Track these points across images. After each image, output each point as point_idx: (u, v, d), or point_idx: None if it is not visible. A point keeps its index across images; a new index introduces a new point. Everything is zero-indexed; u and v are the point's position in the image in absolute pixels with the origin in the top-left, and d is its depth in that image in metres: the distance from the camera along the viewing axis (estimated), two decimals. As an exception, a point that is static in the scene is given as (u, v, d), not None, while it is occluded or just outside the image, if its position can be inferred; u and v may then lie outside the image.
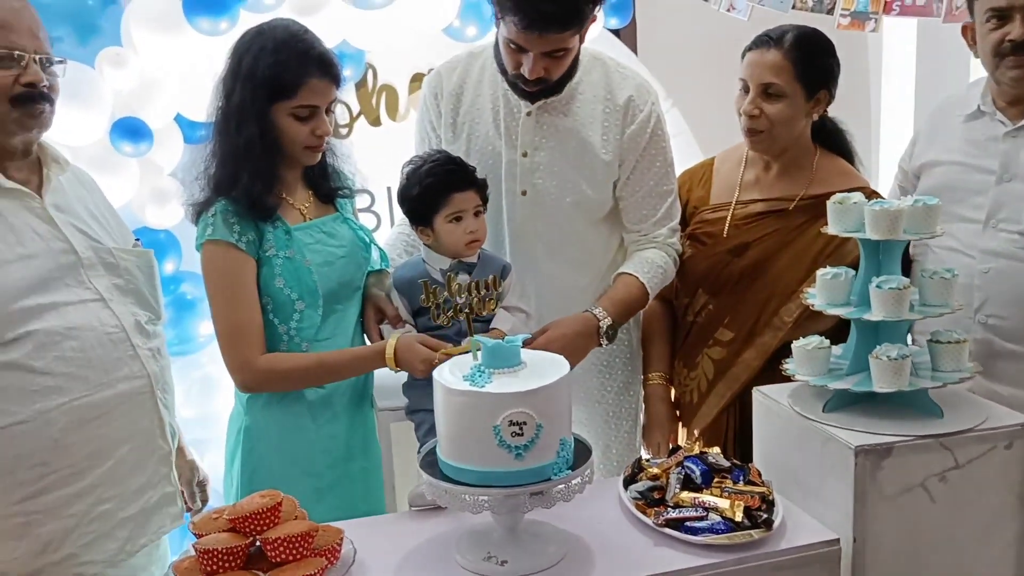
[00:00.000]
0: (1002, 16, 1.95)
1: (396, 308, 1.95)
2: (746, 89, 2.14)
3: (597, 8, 1.97)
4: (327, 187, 2.08)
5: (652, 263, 2.14)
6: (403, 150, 2.22)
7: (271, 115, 1.90)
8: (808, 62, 2.10)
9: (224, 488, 2.17)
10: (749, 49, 2.15)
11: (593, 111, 2.12)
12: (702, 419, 2.25)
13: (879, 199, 1.77)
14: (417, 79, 2.95)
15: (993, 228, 2.01)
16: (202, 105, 2.65)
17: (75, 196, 1.82)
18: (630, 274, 2.11)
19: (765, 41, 2.12)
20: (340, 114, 2.87)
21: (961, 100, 2.14)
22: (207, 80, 2.62)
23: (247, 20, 2.58)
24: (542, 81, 2.02)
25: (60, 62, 1.76)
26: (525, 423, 1.41)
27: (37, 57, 1.70)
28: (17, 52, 1.67)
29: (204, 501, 2.13)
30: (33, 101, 1.70)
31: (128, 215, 2.65)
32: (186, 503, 2.02)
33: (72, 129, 2.39)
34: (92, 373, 1.73)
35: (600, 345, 2.05)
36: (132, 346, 1.80)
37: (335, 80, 1.93)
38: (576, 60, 2.08)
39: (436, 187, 1.91)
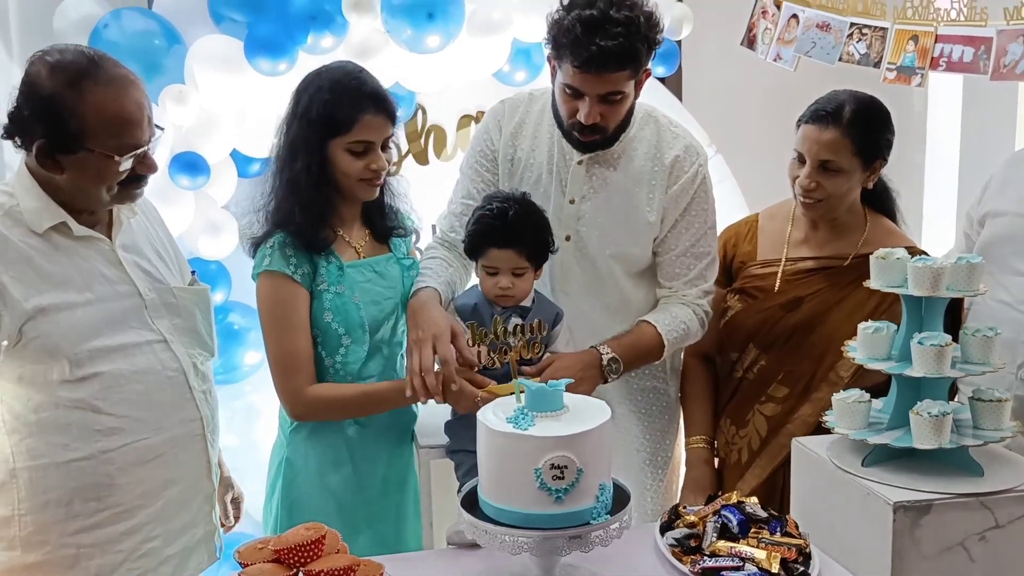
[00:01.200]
0: None
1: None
2: (801, 160, 2.14)
3: (652, 53, 2.00)
4: (383, 226, 2.14)
5: (675, 317, 2.15)
6: (449, 189, 2.26)
7: (327, 150, 1.97)
8: (865, 138, 2.11)
9: (263, 517, 2.22)
10: (805, 121, 2.15)
11: (641, 168, 2.14)
12: (754, 477, 2.23)
13: (922, 255, 1.78)
14: (466, 121, 3.02)
15: None
16: (257, 141, 2.77)
17: (140, 232, 1.87)
18: (649, 322, 2.14)
19: (823, 117, 2.11)
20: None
21: None
22: (263, 117, 2.74)
23: (305, 62, 2.67)
24: (597, 129, 2.04)
25: (161, 129, 1.79)
26: (566, 467, 1.44)
27: (150, 144, 1.74)
28: (141, 150, 1.71)
29: (236, 518, 2.17)
30: (139, 181, 1.77)
31: (182, 245, 2.73)
32: (220, 520, 2.05)
33: (134, 162, 2.47)
34: (152, 416, 1.78)
35: (604, 381, 2.05)
36: (189, 388, 1.85)
37: (390, 116, 1.99)
38: (631, 113, 2.11)
39: (478, 236, 1.96)
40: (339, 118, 1.95)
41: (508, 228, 1.93)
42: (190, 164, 2.61)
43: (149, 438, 1.78)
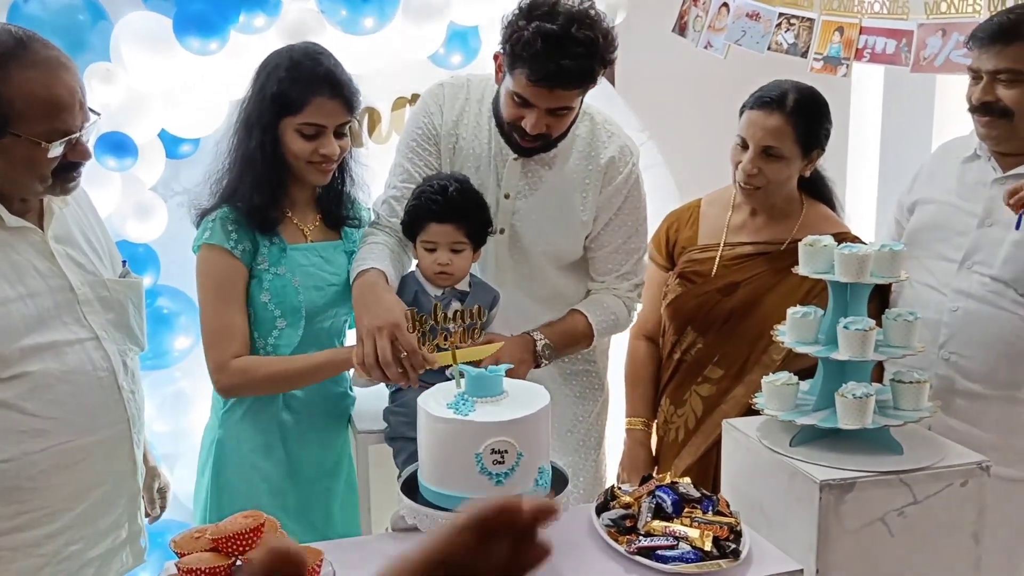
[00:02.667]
0: (976, 76, 2.06)
1: None
2: (744, 145, 2.19)
3: (604, 71, 2.00)
4: (338, 214, 2.12)
5: (605, 307, 2.20)
6: (384, 171, 2.23)
7: (278, 129, 1.95)
8: (808, 126, 2.16)
9: (194, 499, 2.19)
10: (750, 107, 2.19)
11: (576, 168, 2.15)
12: (689, 455, 2.30)
13: (847, 243, 1.85)
14: (400, 103, 3.00)
15: (968, 269, 2.10)
16: (187, 122, 2.70)
17: (73, 222, 1.81)
18: (580, 312, 2.19)
19: (767, 103, 2.16)
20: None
21: (963, 142, 2.21)
22: (193, 98, 2.68)
23: (237, 41, 2.62)
24: (541, 137, 2.04)
25: (96, 114, 1.72)
26: (507, 451, 1.46)
27: (83, 130, 1.67)
28: (73, 136, 1.64)
29: (163, 508, 2.13)
30: (73, 170, 1.70)
31: (109, 228, 2.66)
32: (145, 509, 2.02)
33: (57, 142, 2.40)
34: (80, 418, 1.73)
35: (537, 365, 2.10)
36: (118, 388, 1.80)
37: (345, 103, 1.96)
38: (572, 121, 2.11)
39: (418, 211, 1.97)
40: (292, 97, 1.93)
41: (448, 202, 1.95)
42: (117, 145, 2.53)
43: (75, 440, 1.73)
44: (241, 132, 1.99)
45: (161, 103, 2.63)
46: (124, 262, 1.95)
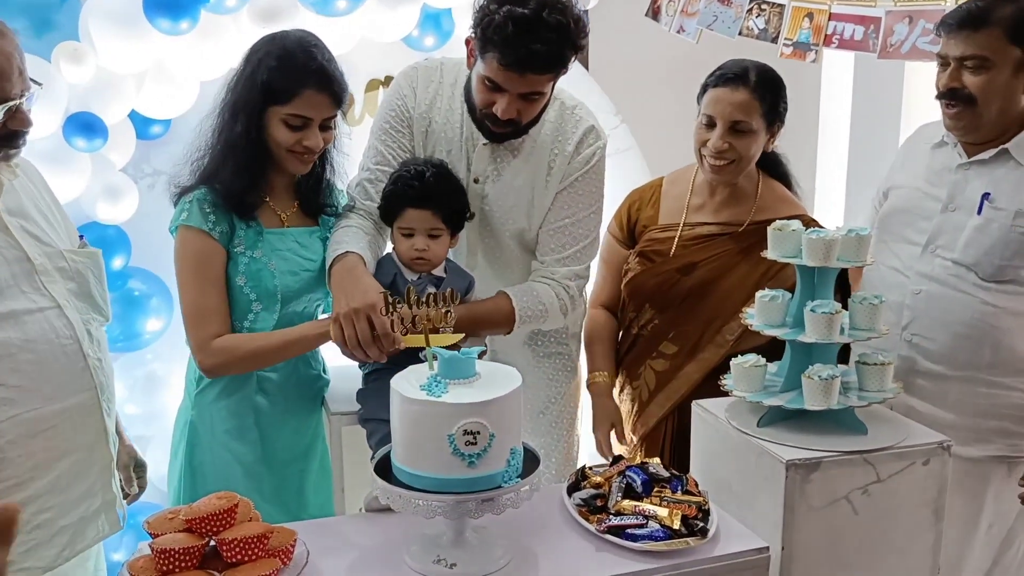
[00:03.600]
0: (944, 63, 2.09)
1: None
2: (711, 123, 2.20)
3: (575, 56, 2.00)
4: (316, 201, 2.12)
5: (534, 294, 2.14)
6: (358, 153, 2.23)
7: (264, 117, 1.95)
8: (772, 100, 2.21)
9: (167, 481, 2.19)
10: (713, 86, 2.21)
11: (543, 152, 2.15)
12: (641, 427, 2.36)
13: (816, 228, 1.88)
14: (374, 85, 2.99)
15: (931, 253, 2.14)
16: (157, 102, 2.68)
17: (26, 195, 1.80)
18: (506, 294, 2.13)
19: (731, 79, 2.19)
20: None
21: (936, 127, 2.23)
22: (163, 78, 2.65)
23: (208, 21, 2.60)
24: (511, 123, 2.04)
25: (38, 84, 1.71)
26: (479, 432, 1.48)
27: (24, 98, 1.66)
28: (11, 103, 1.63)
29: (141, 488, 2.13)
30: (16, 138, 1.69)
31: (78, 210, 2.65)
32: (122, 487, 2.01)
33: (26, 123, 2.37)
34: (45, 387, 1.73)
35: None
36: (84, 356, 1.79)
37: (333, 97, 1.96)
38: (544, 107, 2.11)
39: (395, 196, 1.98)
40: (280, 87, 1.93)
41: (425, 187, 1.96)
42: (86, 125, 2.51)
43: (40, 408, 1.72)
44: (227, 115, 1.98)
45: (132, 84, 2.61)
46: (81, 236, 1.93)
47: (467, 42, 2.04)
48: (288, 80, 1.93)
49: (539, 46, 1.90)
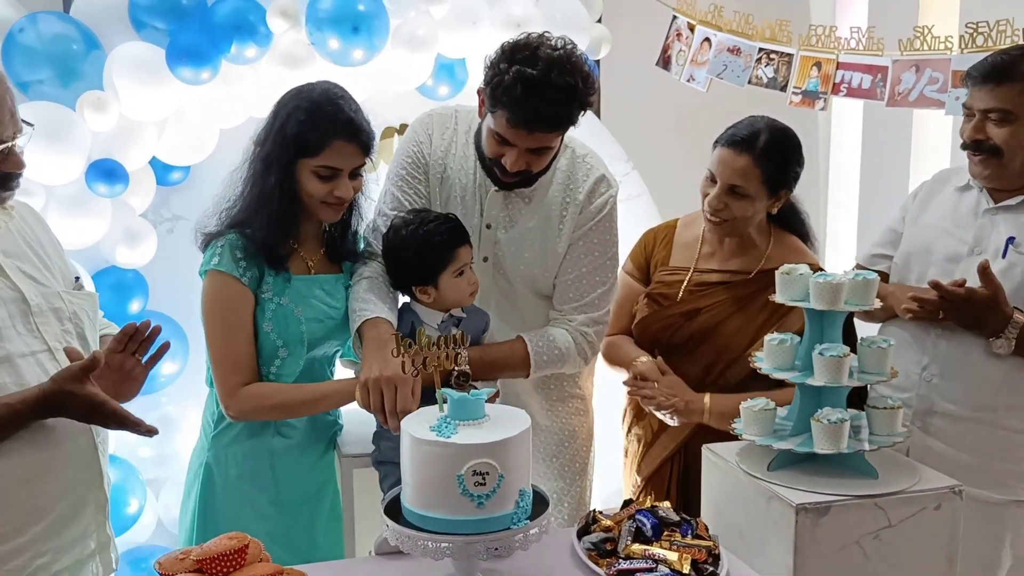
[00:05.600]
0: (969, 114, 2.12)
1: None
2: (713, 180, 2.23)
3: (583, 113, 2.03)
4: (343, 248, 2.15)
5: (551, 340, 2.15)
6: (373, 199, 2.26)
7: (295, 169, 1.99)
8: (775, 168, 2.20)
9: (179, 523, 2.20)
10: (721, 144, 2.23)
11: (555, 200, 2.18)
12: (647, 466, 2.37)
13: (822, 272, 1.89)
14: (388, 132, 3.05)
15: None
16: (177, 150, 2.75)
17: (21, 237, 1.80)
18: (521, 338, 2.15)
19: (738, 143, 2.19)
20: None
21: (962, 171, 2.26)
22: (184, 126, 2.72)
23: (228, 70, 2.67)
24: (521, 173, 2.08)
25: (30, 125, 1.71)
26: (488, 473, 1.48)
27: (16, 140, 1.66)
28: (4, 145, 1.63)
29: None
30: (9, 182, 1.69)
31: (98, 254, 2.70)
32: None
33: (50, 169, 2.43)
34: (40, 432, 1.71)
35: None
36: None
37: (362, 146, 2.00)
38: (553, 157, 2.15)
39: (444, 244, 2.00)
40: (310, 140, 1.96)
41: (460, 222, 2.05)
42: (108, 171, 2.57)
43: (36, 454, 1.71)
44: (258, 167, 2.01)
45: (153, 131, 2.67)
46: (77, 278, 1.93)
47: (479, 92, 2.09)
48: (317, 132, 1.96)
49: (547, 107, 1.94)
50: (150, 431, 1.74)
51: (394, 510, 1.60)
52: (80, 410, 1.70)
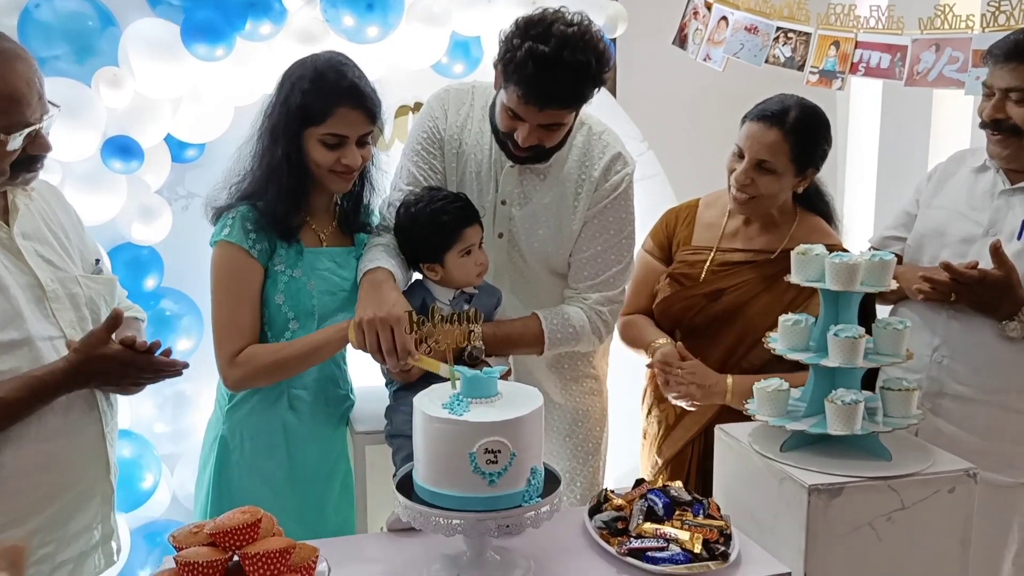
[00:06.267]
0: (989, 93, 2.09)
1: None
2: (741, 155, 2.21)
3: (597, 90, 2.02)
4: (355, 221, 2.15)
5: (565, 318, 2.16)
6: (389, 178, 2.26)
7: (302, 139, 1.98)
8: (804, 145, 2.18)
9: (195, 496, 2.22)
10: (751, 119, 2.21)
11: (570, 177, 2.18)
12: (668, 449, 2.36)
13: (839, 252, 1.88)
14: (403, 111, 3.04)
15: None
16: (193, 127, 2.75)
17: (41, 218, 1.80)
18: (536, 315, 2.16)
19: (768, 117, 2.17)
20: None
21: (978, 152, 2.24)
22: (199, 103, 2.72)
23: (243, 47, 2.66)
24: (533, 148, 2.08)
25: (56, 106, 1.71)
26: (500, 451, 1.49)
27: (43, 123, 1.66)
28: (32, 128, 1.63)
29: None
30: (34, 163, 1.70)
31: (114, 230, 2.72)
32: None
33: (65, 145, 2.44)
34: (52, 419, 1.71)
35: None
36: (92, 391, 1.79)
37: (367, 113, 1.99)
38: (568, 133, 2.14)
39: (451, 224, 2.00)
40: (315, 108, 1.96)
41: (469, 203, 2.06)
42: (123, 148, 2.57)
43: (45, 443, 1.72)
44: (266, 140, 2.01)
45: (168, 108, 2.68)
46: (97, 260, 1.93)
47: (495, 65, 2.08)
48: (321, 100, 1.96)
49: (558, 85, 1.93)
50: (185, 366, 1.79)
51: (406, 487, 1.60)
52: (112, 371, 1.71)
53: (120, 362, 1.71)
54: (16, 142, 1.62)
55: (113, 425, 1.89)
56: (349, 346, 2.23)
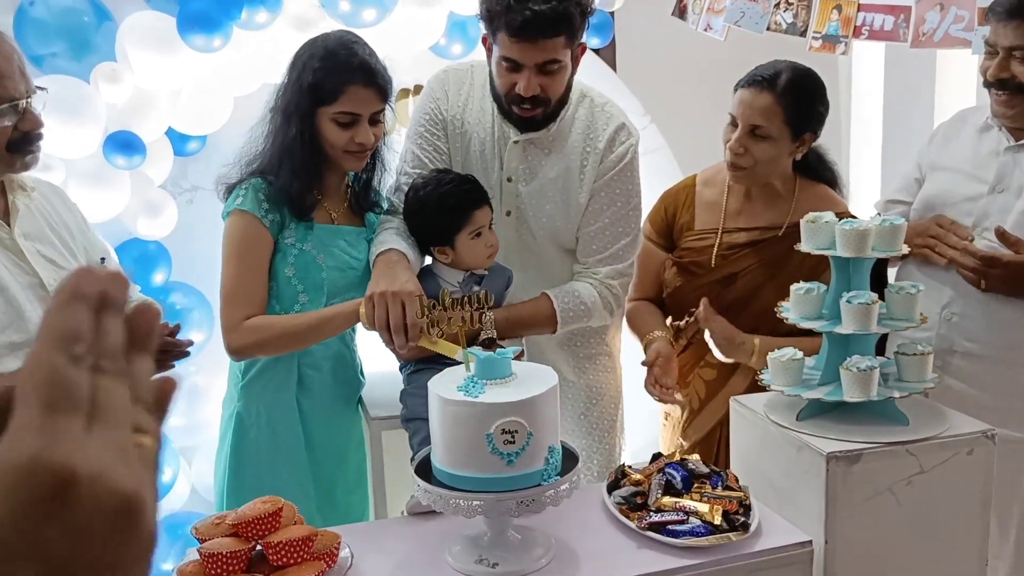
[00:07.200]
0: (992, 51, 2.06)
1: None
2: (734, 124, 2.19)
3: (586, 21, 2.01)
4: (366, 200, 2.15)
5: (575, 295, 2.15)
6: (396, 151, 2.26)
7: (315, 119, 1.98)
8: (798, 107, 2.15)
9: (215, 472, 2.22)
10: (742, 86, 2.19)
11: (575, 150, 2.17)
12: (694, 433, 2.34)
13: (849, 219, 1.86)
14: (403, 94, 3.02)
15: (978, 235, 2.11)
16: (193, 119, 2.74)
17: (43, 218, 1.80)
18: (547, 295, 2.14)
19: (759, 81, 2.15)
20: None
21: (980, 110, 2.21)
22: (198, 95, 2.71)
23: (240, 37, 2.65)
24: (539, 101, 2.05)
25: (43, 89, 1.72)
26: (517, 431, 1.49)
27: (30, 99, 1.67)
28: (16, 102, 1.64)
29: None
30: (29, 143, 1.70)
31: (120, 226, 2.71)
32: None
33: (67, 143, 2.43)
34: None
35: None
36: None
37: (379, 91, 2.00)
38: (568, 90, 2.13)
39: (460, 207, 2.00)
40: (326, 87, 1.96)
41: (478, 184, 2.05)
42: (125, 143, 2.57)
43: None
44: (279, 120, 2.01)
45: (167, 101, 2.67)
46: (103, 259, 1.92)
47: (483, 40, 2.07)
48: (333, 79, 1.96)
49: (541, 6, 1.92)
50: (189, 343, 1.81)
51: (424, 470, 1.61)
52: None
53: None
54: (3, 121, 1.62)
55: None
56: (359, 327, 2.25)
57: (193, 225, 2.74)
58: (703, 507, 1.68)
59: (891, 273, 2.26)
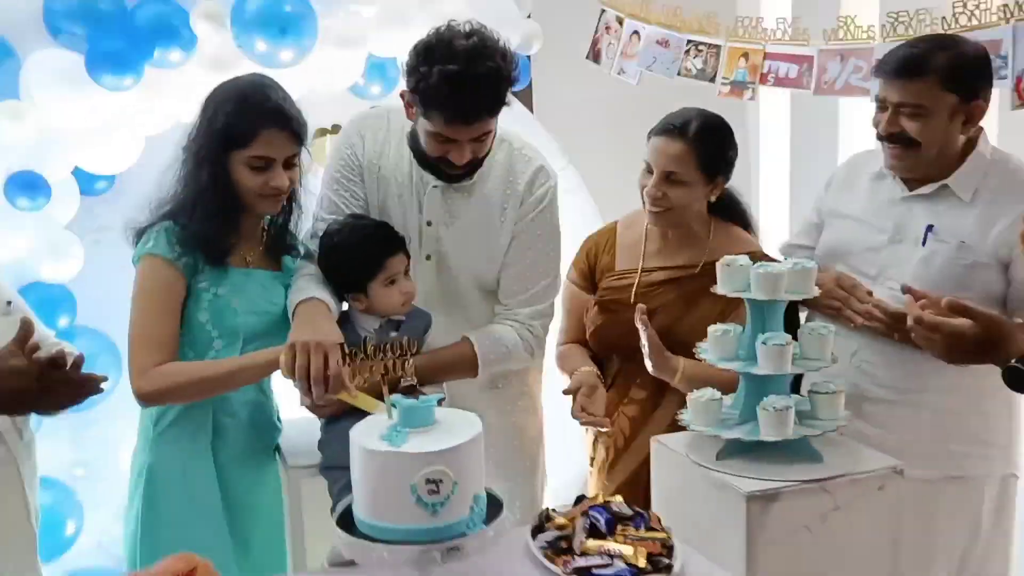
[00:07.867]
0: (882, 106, 2.14)
1: None
2: (650, 170, 2.24)
3: (511, 87, 2.03)
4: (282, 243, 2.12)
5: (497, 338, 2.16)
6: (313, 192, 2.23)
7: (228, 163, 1.94)
8: (709, 153, 2.22)
9: (124, 529, 2.13)
10: (655, 133, 2.25)
11: (495, 193, 2.18)
12: (620, 474, 2.35)
13: (763, 262, 1.92)
14: (320, 133, 3.00)
15: (880, 284, 2.18)
16: (102, 158, 2.66)
17: None
18: (468, 339, 2.15)
19: (671, 130, 2.22)
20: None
21: (875, 156, 2.26)
22: (108, 133, 2.63)
23: (152, 76, 2.59)
24: (469, 163, 2.07)
25: None
26: (441, 480, 1.47)
27: None
28: None
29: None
30: None
31: (22, 270, 2.60)
32: None
33: (-35, 183, 2.34)
34: None
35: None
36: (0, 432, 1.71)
37: (293, 134, 1.97)
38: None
39: (373, 254, 1.98)
40: (239, 131, 1.93)
41: (393, 231, 2.05)
42: (29, 184, 2.48)
43: None
44: (191, 163, 1.97)
45: (75, 140, 2.58)
46: (9, 302, 1.86)
47: (402, 95, 2.07)
48: (245, 122, 1.93)
49: (479, 96, 1.94)
50: (104, 379, 1.69)
51: (346, 521, 1.57)
52: (26, 386, 1.58)
53: (39, 370, 1.60)
54: None
55: (31, 467, 1.82)
56: (275, 375, 2.20)
57: (100, 267, 2.65)
58: (627, 550, 1.67)
59: (802, 315, 2.33)
